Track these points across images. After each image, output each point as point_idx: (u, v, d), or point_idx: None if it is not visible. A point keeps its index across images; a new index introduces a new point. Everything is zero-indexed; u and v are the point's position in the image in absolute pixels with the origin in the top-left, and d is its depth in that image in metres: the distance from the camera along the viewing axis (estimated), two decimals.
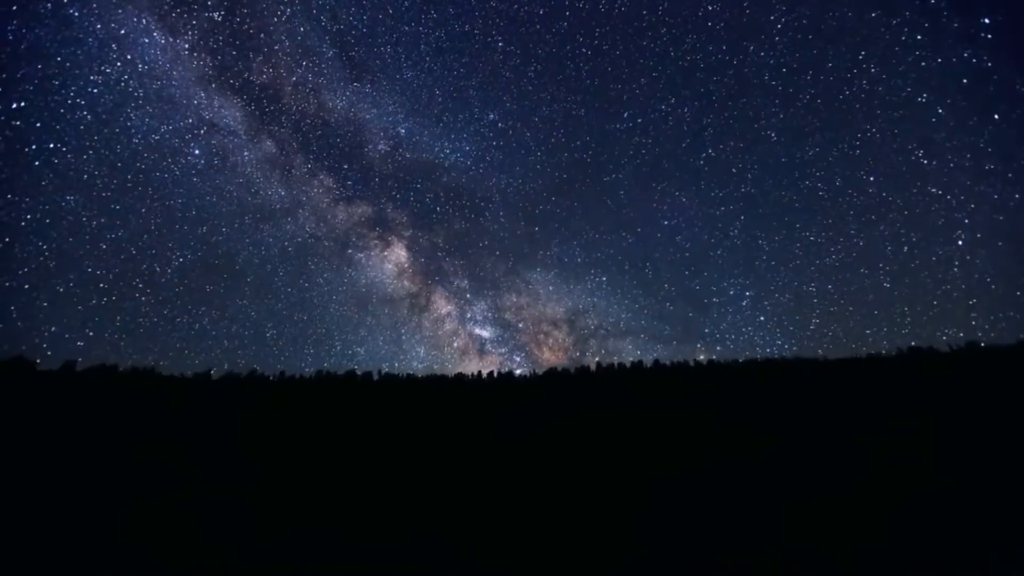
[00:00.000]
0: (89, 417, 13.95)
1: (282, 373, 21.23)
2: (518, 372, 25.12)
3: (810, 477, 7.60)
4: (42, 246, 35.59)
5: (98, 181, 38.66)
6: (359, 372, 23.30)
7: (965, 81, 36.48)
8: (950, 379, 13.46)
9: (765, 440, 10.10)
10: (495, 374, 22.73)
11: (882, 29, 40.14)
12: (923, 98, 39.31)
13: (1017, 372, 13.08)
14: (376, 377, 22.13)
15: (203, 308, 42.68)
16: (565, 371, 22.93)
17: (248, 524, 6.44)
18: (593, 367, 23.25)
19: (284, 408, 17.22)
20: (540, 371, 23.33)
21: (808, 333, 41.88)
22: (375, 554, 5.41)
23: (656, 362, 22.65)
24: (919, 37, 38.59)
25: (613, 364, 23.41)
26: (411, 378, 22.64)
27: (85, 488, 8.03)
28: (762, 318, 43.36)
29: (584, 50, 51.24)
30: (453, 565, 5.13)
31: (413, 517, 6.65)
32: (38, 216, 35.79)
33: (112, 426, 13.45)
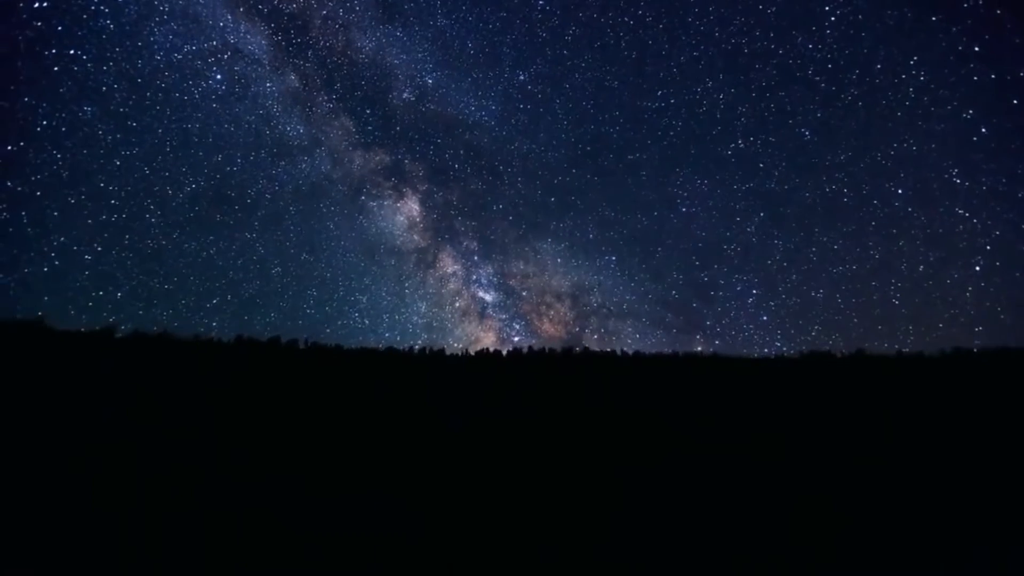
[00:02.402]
0: None
1: (196, 336, 19.92)
2: (451, 350, 25.40)
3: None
4: (56, 154, 34.04)
5: (116, 95, 36.86)
6: (283, 339, 22.44)
7: (1016, 102, 33.90)
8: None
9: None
10: (427, 351, 22.87)
11: (940, 35, 37.15)
12: (968, 114, 36.54)
13: (1009, 375, 15.15)
14: (302, 346, 21.44)
15: (211, 237, 41.32)
16: (506, 353, 23.57)
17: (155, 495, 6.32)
18: (525, 350, 24.09)
19: (197, 373, 16.30)
20: (472, 350, 23.78)
21: (808, 339, 40.82)
22: (282, 533, 5.58)
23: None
24: (976, 49, 35.91)
25: (544, 350, 24.41)
26: (339, 348, 22.19)
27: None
28: (765, 317, 41.86)
29: (626, 19, 47.57)
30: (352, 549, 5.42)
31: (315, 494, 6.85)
32: (54, 124, 34.05)
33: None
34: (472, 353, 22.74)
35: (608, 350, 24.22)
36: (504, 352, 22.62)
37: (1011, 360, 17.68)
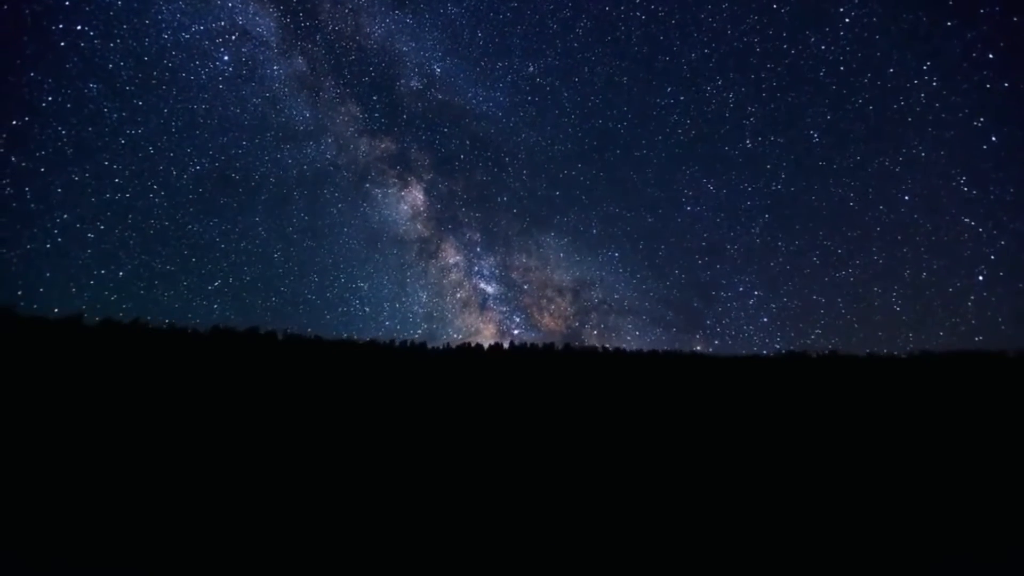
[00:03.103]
0: None
1: (171, 324, 19.58)
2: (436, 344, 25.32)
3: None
4: (61, 131, 34.37)
5: (123, 73, 36.97)
6: (262, 329, 22.18)
7: None
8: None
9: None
10: (408, 343, 22.80)
11: (955, 41, 36.66)
12: (979, 122, 36.28)
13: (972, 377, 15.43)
14: (280, 337, 21.21)
15: (215, 220, 41.75)
16: (491, 347, 23.59)
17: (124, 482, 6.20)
18: (506, 345, 24.15)
19: (172, 363, 16.04)
20: (472, 341, 23.78)
21: (807, 343, 40.96)
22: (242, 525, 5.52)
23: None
24: (991, 56, 35.64)
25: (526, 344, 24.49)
26: (318, 340, 22.01)
27: None
28: (765, 319, 42.10)
29: (638, 13, 46.89)
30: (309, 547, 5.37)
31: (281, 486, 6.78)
32: (59, 100, 34.44)
33: None
34: (453, 347, 22.76)
35: (605, 346, 24.40)
36: (486, 346, 22.64)
37: (975, 363, 18.24)
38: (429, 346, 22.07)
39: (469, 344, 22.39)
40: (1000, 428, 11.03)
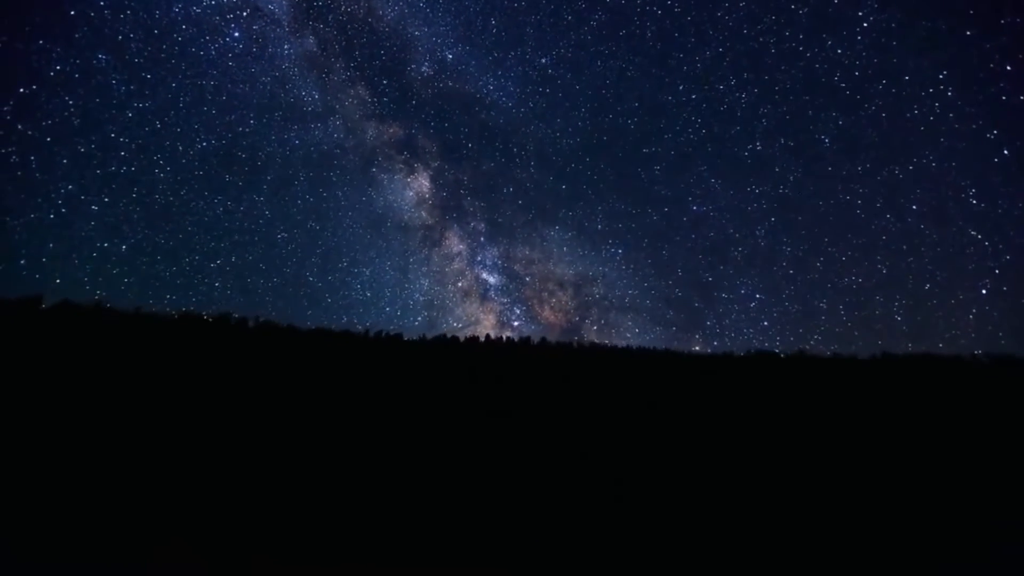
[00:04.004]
0: None
1: (137, 309, 18.95)
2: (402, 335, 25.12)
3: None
4: (68, 100, 33.17)
5: (132, 45, 36.00)
6: (235, 316, 21.68)
7: None
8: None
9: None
10: (382, 334, 22.59)
11: (972, 51, 35.79)
12: (992, 135, 35.44)
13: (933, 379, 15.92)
14: (252, 324, 20.76)
15: (219, 197, 40.63)
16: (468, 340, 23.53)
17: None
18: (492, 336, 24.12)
19: (138, 349, 15.56)
20: (472, 331, 23.66)
21: (806, 348, 40.68)
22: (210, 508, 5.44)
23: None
24: (1008, 68, 34.72)
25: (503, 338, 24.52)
26: (292, 329, 21.63)
27: None
28: (765, 323, 41.66)
29: (654, 8, 45.84)
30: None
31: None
32: (67, 69, 33.19)
33: None
34: (429, 339, 22.63)
35: (581, 342, 24.56)
36: (462, 339, 22.60)
37: (936, 366, 19.01)
38: (405, 337, 21.90)
39: (445, 336, 22.31)
40: (975, 432, 11.54)
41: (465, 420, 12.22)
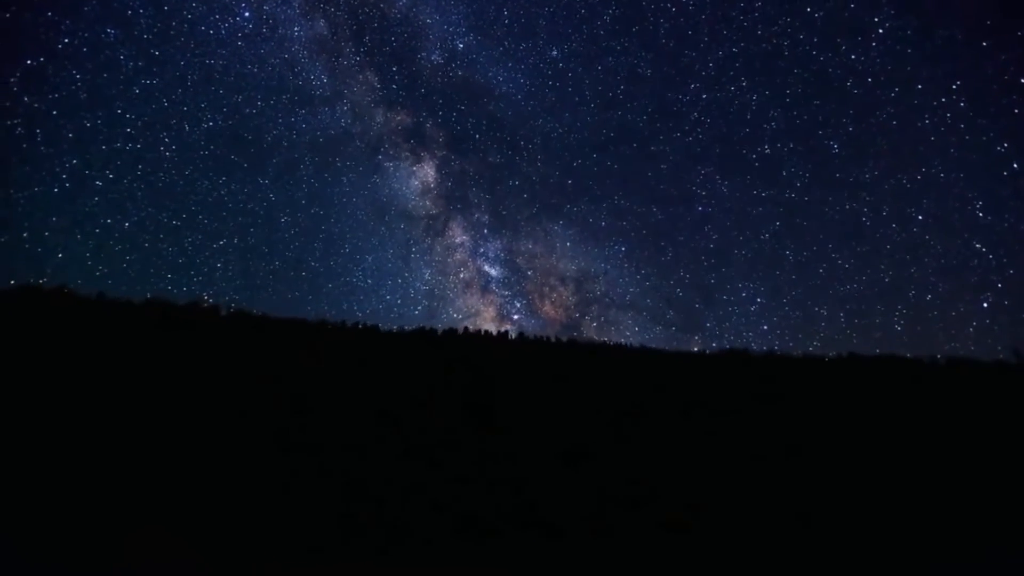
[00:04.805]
0: None
1: (101, 294, 18.23)
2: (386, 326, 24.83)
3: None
4: (75, 74, 32.18)
5: (141, 21, 34.98)
6: (208, 300, 21.07)
7: None
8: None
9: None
10: (360, 325, 22.27)
11: (987, 61, 35.03)
12: (1003, 147, 34.57)
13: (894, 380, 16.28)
14: (224, 312, 20.22)
15: (224, 178, 40.20)
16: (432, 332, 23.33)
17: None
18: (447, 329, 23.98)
19: (96, 335, 14.98)
20: (472, 323, 23.41)
21: (806, 352, 42.33)
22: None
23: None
24: (1023, 80, 34.12)
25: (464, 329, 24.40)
26: (265, 318, 21.14)
27: None
28: (765, 327, 41.24)
29: (669, 5, 44.87)
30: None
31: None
32: (76, 42, 32.13)
33: None
34: (408, 330, 22.39)
35: (556, 338, 24.60)
36: (439, 331, 22.44)
37: (896, 367, 19.68)
38: (382, 328, 21.65)
39: (424, 328, 22.13)
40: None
41: (446, 415, 12.16)
